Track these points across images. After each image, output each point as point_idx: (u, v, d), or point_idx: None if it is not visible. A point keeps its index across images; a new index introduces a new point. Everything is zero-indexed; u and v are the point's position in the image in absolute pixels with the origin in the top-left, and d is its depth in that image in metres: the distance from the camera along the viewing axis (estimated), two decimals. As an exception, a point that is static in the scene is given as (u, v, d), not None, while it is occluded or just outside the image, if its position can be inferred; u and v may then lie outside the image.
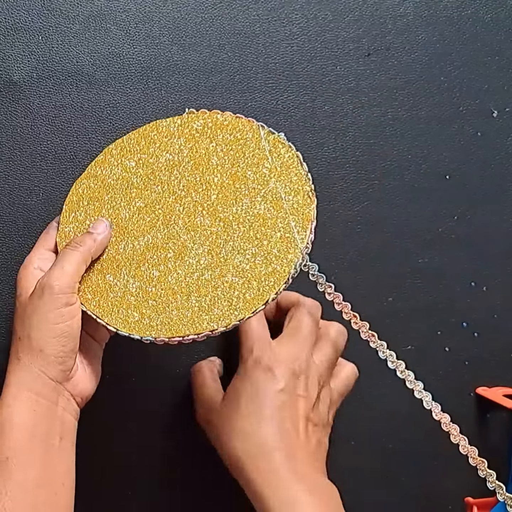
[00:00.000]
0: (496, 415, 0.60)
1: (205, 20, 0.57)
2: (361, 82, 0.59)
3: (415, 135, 0.59)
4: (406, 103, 0.59)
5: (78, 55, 0.56)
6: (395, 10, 0.59)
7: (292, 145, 0.47)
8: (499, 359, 0.59)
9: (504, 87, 0.60)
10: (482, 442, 0.59)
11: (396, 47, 0.59)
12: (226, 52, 0.57)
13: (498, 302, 0.60)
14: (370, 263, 0.59)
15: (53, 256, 0.48)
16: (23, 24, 0.55)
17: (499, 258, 0.60)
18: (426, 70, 0.59)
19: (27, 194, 0.56)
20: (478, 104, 0.60)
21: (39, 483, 0.42)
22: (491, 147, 0.60)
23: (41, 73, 0.56)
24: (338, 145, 0.58)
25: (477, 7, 0.60)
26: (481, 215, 0.60)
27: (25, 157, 0.56)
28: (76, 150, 0.56)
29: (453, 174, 0.60)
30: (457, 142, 0.60)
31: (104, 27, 0.56)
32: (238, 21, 0.58)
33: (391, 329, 0.58)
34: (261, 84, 0.58)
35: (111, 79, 0.56)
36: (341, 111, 0.59)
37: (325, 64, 0.58)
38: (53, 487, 0.43)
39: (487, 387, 0.59)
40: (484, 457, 0.48)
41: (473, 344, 0.59)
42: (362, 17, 0.59)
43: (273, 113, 0.58)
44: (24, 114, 0.56)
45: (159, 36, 0.57)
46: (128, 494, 0.57)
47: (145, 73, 0.57)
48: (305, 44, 0.58)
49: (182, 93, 0.57)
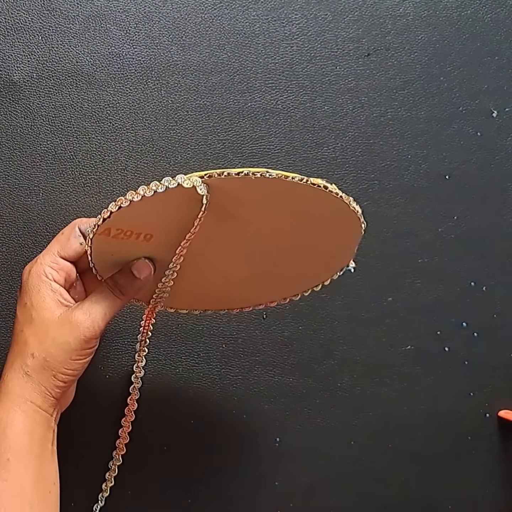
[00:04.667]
0: (495, 415, 0.60)
1: (204, 20, 0.57)
2: (360, 82, 0.59)
3: (415, 135, 0.59)
4: (405, 103, 0.59)
5: (78, 55, 0.56)
6: (395, 10, 0.59)
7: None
8: (499, 359, 0.59)
9: (504, 87, 0.60)
10: (482, 441, 0.59)
11: (396, 47, 0.59)
12: (226, 52, 0.57)
13: (498, 302, 0.60)
14: (370, 263, 0.59)
15: (68, 267, 0.46)
16: (23, 24, 0.55)
17: (498, 258, 0.60)
18: (425, 70, 0.59)
19: (27, 194, 0.56)
20: (478, 104, 0.60)
21: (36, 483, 0.43)
22: (491, 147, 0.60)
23: (41, 73, 0.56)
24: (338, 145, 0.58)
25: (476, 7, 0.60)
26: (481, 215, 0.60)
27: (25, 157, 0.56)
28: (76, 150, 0.56)
29: (453, 174, 0.60)
30: (456, 142, 0.60)
31: (104, 27, 0.56)
32: (238, 21, 0.58)
33: (391, 329, 0.58)
34: (261, 84, 0.58)
35: (111, 79, 0.56)
36: (341, 111, 0.59)
37: (325, 64, 0.59)
38: (47, 487, 0.44)
39: (508, 410, 0.59)
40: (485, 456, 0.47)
41: (473, 344, 0.59)
42: (362, 17, 0.59)
43: (273, 113, 0.58)
44: (24, 114, 0.56)
45: (158, 36, 0.57)
46: (128, 494, 0.57)
47: (145, 73, 0.57)
48: (304, 44, 0.58)
49: (182, 93, 0.57)
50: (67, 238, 0.46)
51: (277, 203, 0.42)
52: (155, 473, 0.57)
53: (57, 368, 0.44)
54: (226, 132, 0.57)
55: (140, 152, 0.57)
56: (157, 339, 0.57)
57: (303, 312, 0.58)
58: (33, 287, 0.45)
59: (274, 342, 0.58)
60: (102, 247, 0.43)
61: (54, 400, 0.45)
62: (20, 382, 0.44)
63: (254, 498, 0.57)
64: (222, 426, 0.57)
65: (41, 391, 0.44)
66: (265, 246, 0.46)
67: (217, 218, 0.42)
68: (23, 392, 0.44)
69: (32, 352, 0.44)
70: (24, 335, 0.44)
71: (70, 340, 0.44)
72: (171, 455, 0.57)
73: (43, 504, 0.44)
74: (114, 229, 0.42)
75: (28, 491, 0.43)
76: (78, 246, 0.45)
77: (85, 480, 0.56)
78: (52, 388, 0.44)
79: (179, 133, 0.57)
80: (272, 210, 0.43)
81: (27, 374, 0.44)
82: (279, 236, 0.45)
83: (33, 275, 0.45)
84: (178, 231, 0.43)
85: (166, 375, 0.57)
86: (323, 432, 0.58)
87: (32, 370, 0.44)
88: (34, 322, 0.44)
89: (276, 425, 0.58)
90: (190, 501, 0.57)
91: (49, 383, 0.44)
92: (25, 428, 0.43)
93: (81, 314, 0.44)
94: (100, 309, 0.44)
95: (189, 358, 0.57)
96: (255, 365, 0.58)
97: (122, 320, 0.57)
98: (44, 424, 0.45)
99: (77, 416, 0.52)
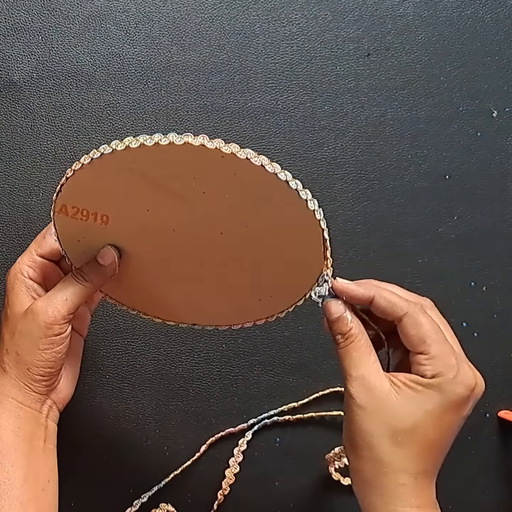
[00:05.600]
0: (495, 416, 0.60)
1: (204, 20, 0.57)
2: (361, 82, 0.59)
3: (415, 135, 0.59)
4: (406, 103, 0.59)
5: (78, 55, 0.56)
6: (395, 10, 0.59)
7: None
8: (499, 359, 0.59)
9: (504, 87, 0.60)
10: (481, 441, 0.59)
11: (396, 47, 0.59)
12: (226, 52, 0.57)
13: (498, 302, 0.59)
14: (370, 263, 0.59)
15: (44, 264, 0.47)
16: (23, 24, 0.55)
17: (498, 258, 0.60)
18: (426, 70, 0.59)
19: (27, 194, 0.56)
20: (478, 104, 0.60)
21: (26, 481, 0.43)
22: (491, 147, 0.60)
23: (41, 73, 0.56)
24: (338, 145, 0.58)
25: (476, 7, 0.60)
26: (481, 215, 0.60)
27: (25, 157, 0.56)
28: (76, 150, 0.56)
29: (453, 174, 0.60)
30: (457, 142, 0.60)
31: (104, 27, 0.56)
32: (238, 21, 0.58)
33: (391, 329, 0.58)
34: (261, 84, 0.58)
35: (111, 79, 0.56)
36: (341, 111, 0.59)
37: (325, 64, 0.59)
38: (40, 484, 0.44)
39: (508, 410, 0.59)
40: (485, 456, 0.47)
41: (473, 344, 0.59)
42: (362, 17, 0.59)
43: (273, 113, 0.58)
44: (24, 114, 0.56)
45: (158, 36, 0.57)
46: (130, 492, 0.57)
47: (145, 73, 0.57)
48: (305, 44, 0.58)
49: (182, 93, 0.57)
50: (43, 236, 0.47)
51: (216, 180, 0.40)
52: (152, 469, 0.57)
53: (29, 361, 0.44)
54: (226, 132, 0.57)
55: (140, 152, 0.57)
56: (157, 339, 0.57)
57: (303, 312, 0.58)
58: (10, 285, 0.46)
59: (274, 342, 0.58)
60: (67, 230, 0.44)
61: (37, 395, 0.44)
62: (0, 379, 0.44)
63: (254, 498, 0.57)
64: (222, 426, 0.57)
65: (20, 386, 0.44)
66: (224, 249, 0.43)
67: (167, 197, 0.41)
68: (3, 389, 0.44)
69: (6, 348, 0.44)
70: (1, 333, 0.45)
71: (33, 328, 0.43)
72: (172, 455, 0.57)
73: (36, 501, 0.43)
74: (70, 207, 0.43)
75: (17, 488, 0.42)
76: (53, 243, 0.46)
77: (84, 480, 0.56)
78: (29, 382, 0.44)
79: (179, 133, 0.57)
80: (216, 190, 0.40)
81: (4, 370, 0.44)
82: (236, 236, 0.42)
83: (11, 274, 0.46)
84: (134, 216, 0.43)
85: (166, 375, 0.57)
86: (323, 432, 0.58)
87: (8, 366, 0.44)
88: (8, 319, 0.45)
89: (276, 425, 0.58)
90: (190, 501, 0.57)
91: (25, 378, 0.44)
92: (8, 425, 0.43)
93: (41, 301, 0.44)
94: (61, 294, 0.44)
95: (189, 358, 0.57)
96: (255, 365, 0.58)
97: (122, 320, 0.57)
98: (31, 421, 0.44)
99: (76, 416, 0.52)
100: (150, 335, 0.57)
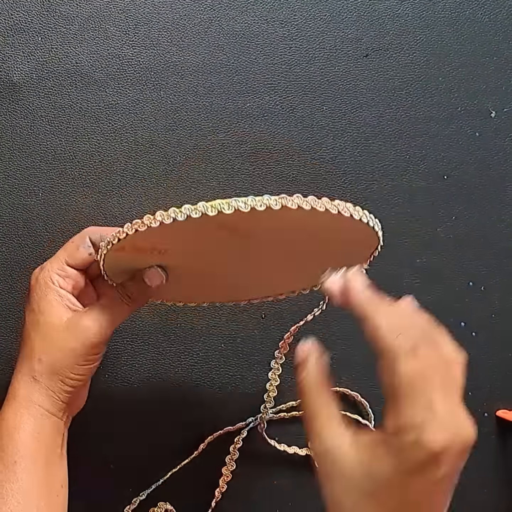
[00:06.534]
0: (493, 415, 0.60)
1: (203, 21, 0.57)
2: (359, 83, 0.59)
3: (413, 135, 0.59)
4: (404, 104, 0.59)
5: (77, 55, 0.56)
6: (393, 10, 0.59)
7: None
8: (497, 359, 0.59)
9: (502, 87, 0.60)
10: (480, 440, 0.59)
11: (394, 47, 0.59)
12: (225, 53, 0.58)
13: (496, 301, 0.60)
14: (369, 263, 0.59)
15: (75, 275, 0.46)
16: (23, 24, 0.56)
17: (497, 258, 0.60)
18: (424, 70, 0.60)
19: (27, 194, 0.56)
20: (476, 105, 0.60)
21: (43, 486, 0.44)
22: (489, 147, 0.60)
23: (41, 74, 0.56)
24: (337, 145, 0.59)
25: (475, 8, 0.60)
26: (479, 215, 0.60)
27: (25, 157, 0.56)
28: (76, 150, 0.56)
29: (451, 174, 0.60)
30: (455, 142, 0.60)
31: (103, 28, 0.56)
32: (237, 22, 0.58)
33: (390, 328, 0.58)
34: (260, 85, 0.58)
35: (110, 80, 0.57)
36: (339, 111, 0.59)
37: (324, 65, 0.59)
38: (55, 490, 0.45)
39: (507, 409, 0.59)
40: (483, 456, 0.47)
41: (471, 343, 0.59)
42: (361, 17, 0.59)
43: (272, 113, 0.58)
44: (24, 114, 0.56)
45: (158, 37, 0.57)
46: (130, 491, 0.57)
47: (144, 73, 0.57)
48: (303, 45, 0.58)
49: (181, 93, 0.57)
50: (76, 247, 0.46)
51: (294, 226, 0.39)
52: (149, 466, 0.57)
53: (64, 373, 0.44)
54: (225, 133, 0.58)
55: (139, 153, 0.57)
56: (156, 339, 0.57)
57: (302, 312, 0.58)
58: (41, 292, 0.45)
59: (273, 342, 0.58)
60: (115, 259, 0.43)
61: (63, 404, 0.45)
62: (28, 386, 0.44)
63: (254, 498, 0.58)
64: (221, 424, 0.57)
65: (49, 395, 0.44)
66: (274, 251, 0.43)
67: (229, 234, 0.39)
68: (31, 395, 0.44)
69: (39, 357, 0.44)
70: (32, 339, 0.45)
71: (77, 345, 0.44)
72: (170, 454, 0.58)
73: (50, 506, 0.44)
74: (129, 247, 0.41)
75: (34, 493, 0.43)
76: (87, 256, 0.46)
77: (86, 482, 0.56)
78: (60, 392, 0.44)
79: (179, 134, 0.57)
80: (287, 231, 0.40)
81: (35, 379, 0.44)
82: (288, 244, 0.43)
83: (40, 282, 0.45)
84: (196, 249, 0.42)
85: (165, 374, 0.57)
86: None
87: (40, 375, 0.44)
88: (41, 327, 0.45)
89: (275, 425, 0.58)
90: (188, 499, 0.57)
91: (57, 388, 0.44)
92: (33, 431, 0.44)
93: (88, 320, 0.44)
94: (108, 315, 0.44)
95: (188, 358, 0.57)
96: (254, 364, 0.58)
97: (122, 319, 0.57)
98: (53, 428, 0.45)
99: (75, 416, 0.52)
100: (149, 335, 0.57)
